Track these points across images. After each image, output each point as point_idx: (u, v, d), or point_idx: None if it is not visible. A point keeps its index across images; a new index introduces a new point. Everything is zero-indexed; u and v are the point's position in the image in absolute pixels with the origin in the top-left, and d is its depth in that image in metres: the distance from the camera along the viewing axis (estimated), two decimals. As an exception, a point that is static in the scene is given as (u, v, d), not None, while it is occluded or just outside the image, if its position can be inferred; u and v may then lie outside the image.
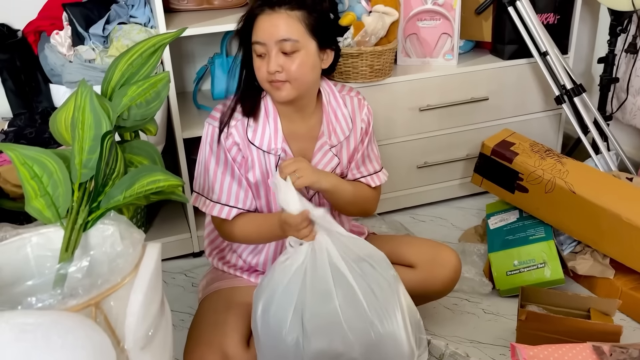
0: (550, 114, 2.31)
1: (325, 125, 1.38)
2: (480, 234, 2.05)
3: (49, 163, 1.02)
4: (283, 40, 1.22)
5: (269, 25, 1.22)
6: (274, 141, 1.33)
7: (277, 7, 1.22)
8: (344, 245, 1.23)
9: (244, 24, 1.28)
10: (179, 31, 1.26)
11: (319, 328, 1.17)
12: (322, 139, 1.38)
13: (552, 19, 2.17)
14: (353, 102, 1.44)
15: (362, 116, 1.44)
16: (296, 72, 1.24)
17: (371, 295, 1.20)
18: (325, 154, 1.39)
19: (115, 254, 0.81)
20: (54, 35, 1.81)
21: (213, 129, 1.35)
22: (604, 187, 1.69)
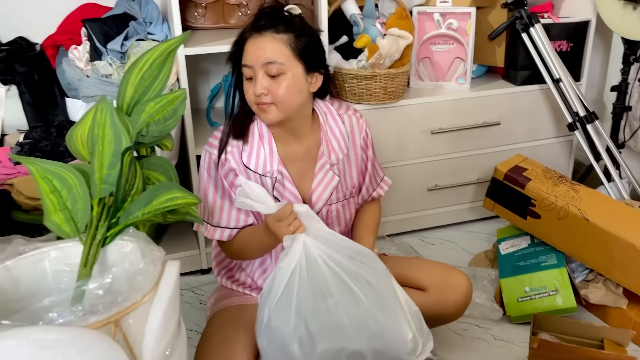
0: (561, 140, 2.31)
1: (325, 144, 1.39)
2: (491, 258, 2.04)
3: (69, 178, 1.02)
4: (268, 63, 1.24)
5: (256, 48, 1.25)
6: (269, 164, 1.35)
7: (263, 30, 1.25)
8: (332, 243, 1.24)
9: (235, 48, 1.31)
10: (182, 36, 1.25)
11: (322, 326, 1.18)
12: (322, 159, 1.39)
13: (565, 46, 2.18)
14: (351, 120, 1.45)
15: (362, 134, 1.47)
16: (282, 95, 1.25)
17: (367, 287, 1.22)
18: (326, 174, 1.40)
19: (135, 271, 0.81)
20: (72, 50, 1.83)
21: (210, 155, 1.37)
22: (617, 216, 1.68)
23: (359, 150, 1.46)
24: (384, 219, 2.16)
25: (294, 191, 1.36)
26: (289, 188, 1.36)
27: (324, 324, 1.18)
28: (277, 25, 1.25)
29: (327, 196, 1.40)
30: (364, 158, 1.49)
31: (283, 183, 1.36)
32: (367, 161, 1.50)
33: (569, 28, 2.17)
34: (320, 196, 1.40)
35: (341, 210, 1.46)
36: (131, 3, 1.92)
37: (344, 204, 1.46)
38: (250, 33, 1.27)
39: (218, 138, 1.38)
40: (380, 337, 1.20)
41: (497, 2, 2.15)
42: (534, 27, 2.04)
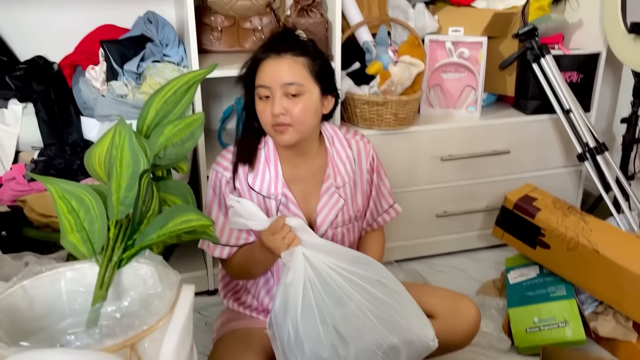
0: (570, 170, 2.32)
1: (331, 167, 1.40)
2: (499, 287, 2.03)
3: (87, 198, 1.03)
4: (288, 83, 1.26)
5: (275, 69, 1.26)
6: (273, 186, 1.36)
7: (282, 53, 1.27)
8: (330, 252, 1.25)
9: (248, 70, 1.32)
10: (210, 67, 1.28)
11: (352, 329, 1.19)
12: (328, 181, 1.40)
13: (576, 77, 2.20)
14: (358, 145, 1.46)
15: (368, 158, 1.47)
16: (299, 115, 1.27)
17: (380, 286, 1.23)
18: (331, 196, 1.40)
19: (152, 295, 0.81)
20: (89, 70, 1.86)
21: (216, 174, 1.38)
22: (628, 248, 1.68)
23: (365, 175, 1.47)
24: (392, 244, 2.16)
25: (299, 214, 1.37)
26: (293, 210, 1.37)
27: (354, 326, 1.19)
28: (294, 49, 1.28)
29: (332, 218, 1.41)
30: (369, 182, 1.50)
31: (287, 205, 1.36)
32: (371, 185, 1.51)
33: (579, 60, 2.19)
34: (325, 219, 1.40)
35: (346, 234, 1.46)
36: (148, 25, 1.96)
37: (348, 228, 1.46)
38: (267, 54, 1.28)
39: (226, 158, 1.39)
40: (408, 329, 1.22)
41: (508, 33, 2.18)
42: (544, 57, 2.06)
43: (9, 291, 0.87)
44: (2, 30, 1.97)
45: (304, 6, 1.86)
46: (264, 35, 2.12)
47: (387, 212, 1.56)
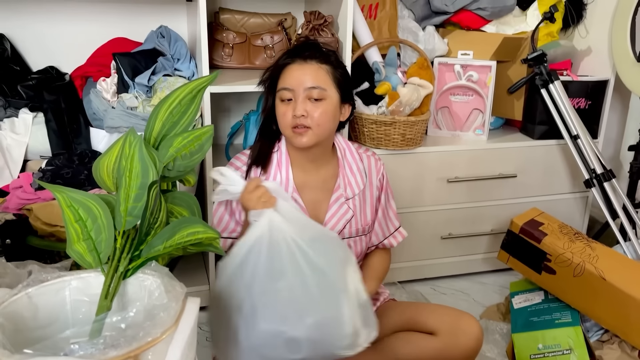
0: (577, 196, 2.31)
1: (341, 178, 1.42)
2: (503, 312, 2.01)
3: (95, 208, 1.03)
4: (312, 87, 1.31)
5: (300, 73, 1.32)
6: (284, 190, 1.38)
7: (308, 59, 1.33)
8: (299, 224, 1.24)
9: (271, 73, 1.37)
10: (213, 75, 1.28)
11: (267, 306, 1.18)
12: (338, 191, 1.42)
13: (584, 104, 2.21)
14: (370, 160, 1.49)
15: (378, 175, 1.49)
16: (319, 118, 1.31)
17: (319, 275, 1.20)
18: (340, 206, 1.42)
19: (157, 306, 0.81)
20: (101, 82, 1.88)
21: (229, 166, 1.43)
22: (635, 277, 1.66)
23: (375, 190, 1.49)
24: (396, 265, 2.15)
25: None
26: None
27: (270, 304, 1.18)
28: (319, 57, 1.34)
29: (340, 228, 1.42)
30: (377, 199, 1.51)
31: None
32: (378, 203, 1.51)
33: (587, 86, 2.20)
34: (333, 228, 1.41)
35: (352, 246, 1.46)
36: (161, 40, 1.98)
37: (355, 240, 1.47)
38: (293, 60, 1.34)
39: (240, 159, 1.44)
40: (319, 327, 1.19)
41: (517, 57, 2.19)
42: (553, 83, 2.07)
43: (14, 298, 0.87)
44: (16, 40, 2.00)
45: (316, 25, 1.88)
46: (275, 53, 2.14)
47: (394, 236, 1.56)
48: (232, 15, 2.15)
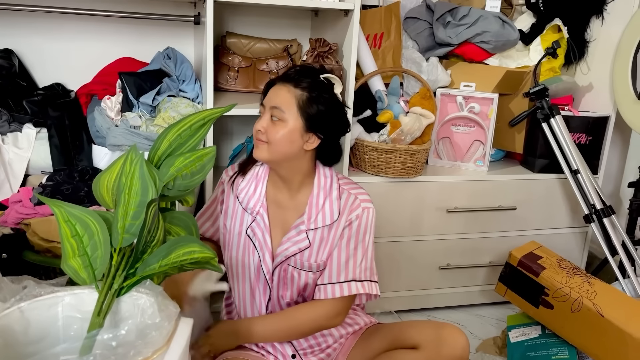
0: (576, 231, 2.31)
1: (308, 207, 1.41)
2: (499, 345, 1.98)
3: (92, 224, 1.03)
4: (274, 107, 1.35)
5: (273, 93, 1.37)
6: (253, 202, 1.43)
7: (286, 81, 1.36)
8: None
9: (263, 90, 1.43)
10: (228, 107, 1.30)
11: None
12: (301, 217, 1.41)
13: (584, 139, 2.22)
14: (349, 198, 1.41)
15: (351, 215, 1.39)
16: (273, 137, 1.34)
17: None
18: (299, 233, 1.41)
19: (149, 326, 0.80)
20: (105, 100, 1.89)
21: (225, 172, 1.51)
22: (633, 314, 1.64)
23: (339, 231, 1.39)
24: (393, 294, 2.14)
25: (266, 237, 1.42)
26: (262, 230, 1.42)
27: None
28: (298, 81, 1.35)
29: (289, 254, 1.39)
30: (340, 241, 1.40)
31: (259, 224, 1.42)
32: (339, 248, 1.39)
33: (588, 122, 2.21)
34: (284, 250, 1.41)
35: (296, 277, 1.41)
36: (167, 61, 2.00)
37: (300, 273, 1.40)
38: (277, 80, 1.39)
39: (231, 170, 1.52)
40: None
41: (519, 91, 2.21)
42: (554, 117, 2.09)
43: (6, 312, 0.86)
44: (24, 56, 2.02)
45: (321, 52, 1.91)
46: (279, 78, 2.17)
47: (340, 286, 1.38)
48: (238, 39, 2.18)
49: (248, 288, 1.46)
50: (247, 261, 1.43)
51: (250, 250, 1.42)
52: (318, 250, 1.40)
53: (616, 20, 2.20)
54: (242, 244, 1.44)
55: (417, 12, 2.25)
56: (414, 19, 2.25)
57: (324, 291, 1.39)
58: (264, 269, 1.42)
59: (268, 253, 1.41)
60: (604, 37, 2.28)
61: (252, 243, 1.42)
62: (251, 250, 1.42)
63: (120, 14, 1.98)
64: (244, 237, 1.43)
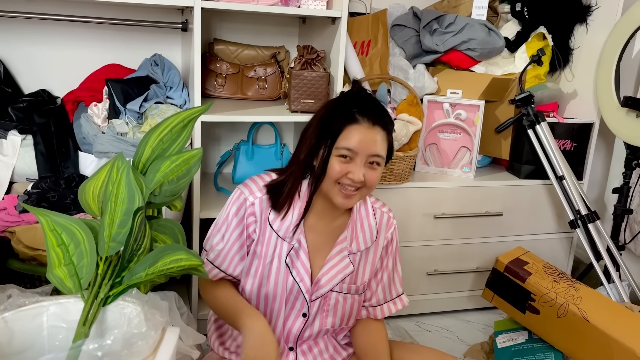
0: (562, 237, 2.33)
1: (350, 230, 1.37)
2: (487, 351, 1.99)
3: (78, 232, 1.03)
4: (376, 155, 1.26)
5: (368, 138, 1.24)
6: (292, 230, 1.32)
7: (376, 124, 1.26)
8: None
9: (336, 124, 1.26)
10: (206, 105, 1.29)
11: None
12: (342, 244, 1.36)
13: (569, 145, 2.25)
14: (383, 217, 1.42)
15: (387, 234, 1.42)
16: (372, 182, 1.28)
17: None
18: (342, 259, 1.36)
19: (136, 335, 0.79)
20: (92, 107, 1.88)
21: (239, 194, 1.33)
22: (618, 319, 1.66)
23: (379, 250, 1.41)
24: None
25: (306, 264, 1.33)
26: (302, 259, 1.33)
27: None
28: (384, 123, 1.28)
29: (336, 282, 1.36)
30: (382, 261, 1.43)
31: (298, 252, 1.33)
32: (382, 269, 1.43)
33: (573, 128, 2.24)
34: (330, 280, 1.35)
35: (341, 302, 1.39)
36: (154, 67, 2.00)
37: (346, 297, 1.39)
38: (362, 118, 1.25)
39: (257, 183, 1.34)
40: None
41: (505, 98, 2.23)
42: (539, 124, 2.11)
43: (-11, 322, 0.85)
44: (9, 62, 2.01)
45: (308, 60, 1.91)
46: (267, 85, 2.17)
47: (394, 302, 1.47)
48: (226, 46, 2.18)
49: (282, 317, 1.36)
50: (280, 289, 1.34)
51: (287, 278, 1.33)
52: (363, 272, 1.40)
53: (600, 28, 2.24)
54: (276, 271, 1.33)
55: (404, 20, 2.27)
56: (401, 26, 2.27)
57: (380, 311, 1.45)
58: (306, 297, 1.34)
59: (308, 280, 1.34)
60: (587, 44, 2.31)
61: (290, 271, 1.33)
62: (288, 278, 1.33)
63: (108, 21, 1.97)
64: (279, 264, 1.33)
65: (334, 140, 1.26)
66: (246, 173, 2.16)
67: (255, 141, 2.27)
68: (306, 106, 1.93)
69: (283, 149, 2.18)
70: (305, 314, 1.35)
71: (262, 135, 2.33)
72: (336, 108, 1.29)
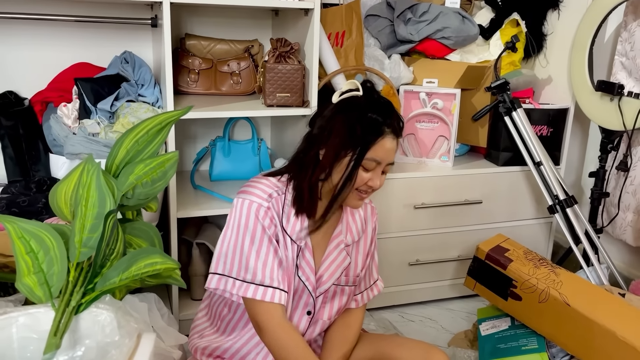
0: (541, 222, 2.34)
1: (344, 224, 1.39)
2: (470, 339, 2.00)
3: (47, 239, 0.99)
4: (391, 164, 1.30)
5: (390, 149, 1.27)
6: (299, 232, 1.32)
7: (396, 135, 1.29)
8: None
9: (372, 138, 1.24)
10: (185, 109, 1.27)
11: None
12: (338, 237, 1.38)
13: (546, 131, 2.26)
14: (366, 208, 1.46)
15: (372, 223, 1.47)
16: (380, 186, 1.32)
17: None
18: (340, 253, 1.38)
19: (109, 344, 0.77)
20: (62, 107, 1.83)
21: (250, 203, 1.26)
22: (598, 302, 1.67)
23: (368, 240, 1.46)
24: (364, 292, 2.13)
25: (311, 263, 1.34)
26: (307, 258, 1.34)
27: None
28: (400, 133, 1.31)
29: (337, 276, 1.38)
30: (369, 251, 1.47)
31: (304, 252, 1.33)
32: (369, 255, 1.48)
33: (549, 114, 2.25)
34: (331, 276, 1.37)
35: (338, 294, 1.41)
36: (125, 65, 1.95)
37: (343, 289, 1.41)
38: (388, 132, 1.26)
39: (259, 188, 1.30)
40: None
41: (481, 86, 2.23)
42: (516, 111, 2.11)
43: (-44, 337, 0.82)
44: (-27, 64, 1.95)
45: (282, 52, 1.88)
46: (242, 80, 2.14)
47: (371, 289, 1.52)
48: (198, 41, 2.14)
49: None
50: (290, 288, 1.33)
51: (293, 278, 1.33)
52: (356, 263, 1.43)
53: (572, 14, 2.24)
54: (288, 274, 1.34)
55: (378, 10, 2.25)
56: (375, 16, 2.25)
57: (360, 298, 1.48)
58: (312, 294, 1.34)
59: (313, 278, 1.34)
60: (561, 30, 2.32)
61: (297, 272, 1.32)
62: (294, 278, 1.33)
63: (75, 18, 1.91)
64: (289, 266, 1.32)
65: (363, 151, 1.24)
66: (224, 170, 2.13)
67: (232, 137, 2.24)
68: (282, 100, 1.90)
69: (260, 144, 2.15)
70: (309, 311, 1.36)
71: (239, 131, 2.29)
72: (363, 117, 1.25)
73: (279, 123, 2.24)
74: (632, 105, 1.96)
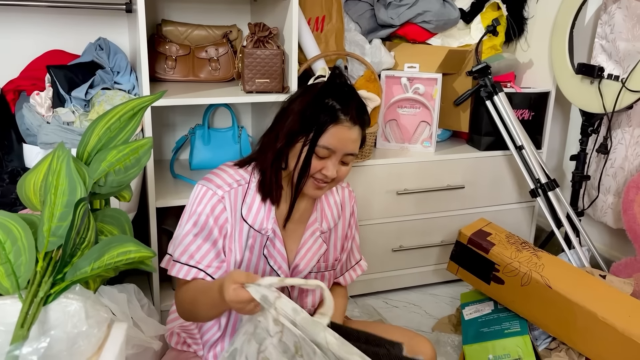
0: (523, 206, 2.35)
1: (319, 211, 1.37)
2: (454, 323, 2.00)
3: (15, 228, 0.96)
4: (350, 154, 1.25)
5: (347, 138, 1.23)
6: (265, 221, 1.30)
7: (356, 124, 1.24)
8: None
9: (320, 123, 1.21)
10: (158, 95, 1.23)
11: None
12: (314, 225, 1.36)
13: (527, 115, 2.25)
14: (344, 192, 1.45)
15: (350, 208, 1.46)
16: (343, 176, 1.28)
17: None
18: (315, 241, 1.36)
19: (77, 334, 0.74)
20: (34, 96, 1.79)
21: (206, 190, 1.27)
22: (579, 284, 1.68)
23: (346, 224, 1.45)
24: (348, 279, 2.12)
25: (282, 252, 1.32)
26: (278, 248, 1.32)
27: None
28: (363, 122, 1.27)
29: (314, 264, 1.36)
30: (347, 234, 1.46)
31: (274, 242, 1.31)
32: (348, 239, 1.47)
33: (530, 98, 2.24)
34: (307, 264, 1.35)
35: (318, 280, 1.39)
36: (100, 52, 1.90)
37: (323, 275, 1.41)
38: (345, 119, 1.22)
39: (220, 176, 1.29)
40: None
41: (462, 70, 2.22)
42: (497, 95, 2.10)
43: None
44: (-58, 53, 1.89)
45: (260, 37, 1.85)
46: (220, 66, 2.10)
47: (354, 269, 1.52)
48: (175, 27, 2.10)
49: None
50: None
51: (265, 268, 1.31)
52: (334, 248, 1.42)
53: (552, -3, 2.24)
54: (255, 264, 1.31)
55: (358, -6, 2.22)
56: (355, 0, 2.22)
57: (342, 279, 1.50)
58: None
59: (286, 267, 1.32)
60: (541, 13, 2.31)
61: (267, 261, 1.30)
62: (266, 269, 1.31)
63: (47, 4, 1.86)
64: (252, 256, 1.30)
65: (315, 138, 1.22)
66: (204, 158, 2.09)
67: (212, 125, 2.21)
68: (261, 86, 1.87)
69: (241, 131, 2.12)
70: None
71: (218, 118, 2.26)
72: (319, 102, 1.23)
73: (260, 110, 2.21)
74: (612, 87, 1.96)
